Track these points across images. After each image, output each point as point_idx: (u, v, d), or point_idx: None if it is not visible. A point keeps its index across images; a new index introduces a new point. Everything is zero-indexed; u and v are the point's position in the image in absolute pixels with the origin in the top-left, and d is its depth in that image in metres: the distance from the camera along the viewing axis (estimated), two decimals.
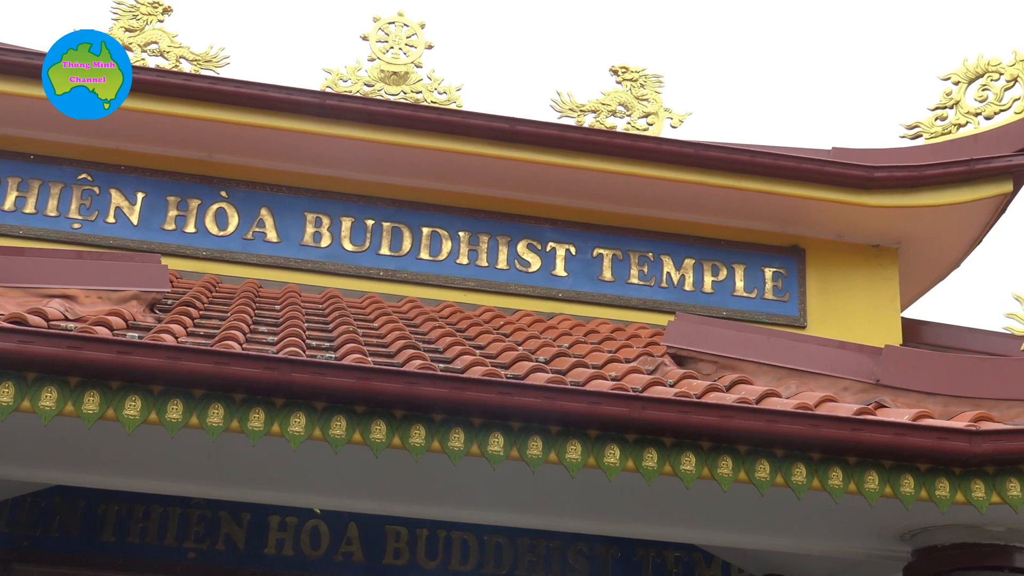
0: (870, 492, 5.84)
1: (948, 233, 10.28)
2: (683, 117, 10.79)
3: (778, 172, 9.65)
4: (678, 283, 9.76)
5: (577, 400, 5.69)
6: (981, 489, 5.87)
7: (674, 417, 5.71)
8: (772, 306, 9.83)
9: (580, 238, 9.74)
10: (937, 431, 5.87)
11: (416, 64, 10.43)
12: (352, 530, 8.47)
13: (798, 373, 7.21)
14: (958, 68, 10.52)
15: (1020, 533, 6.47)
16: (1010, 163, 9.83)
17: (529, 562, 8.65)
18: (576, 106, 10.66)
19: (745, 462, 5.80)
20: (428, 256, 9.50)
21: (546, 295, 9.52)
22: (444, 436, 5.61)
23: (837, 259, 10.12)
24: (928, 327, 10.83)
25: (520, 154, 9.44)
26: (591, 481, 5.98)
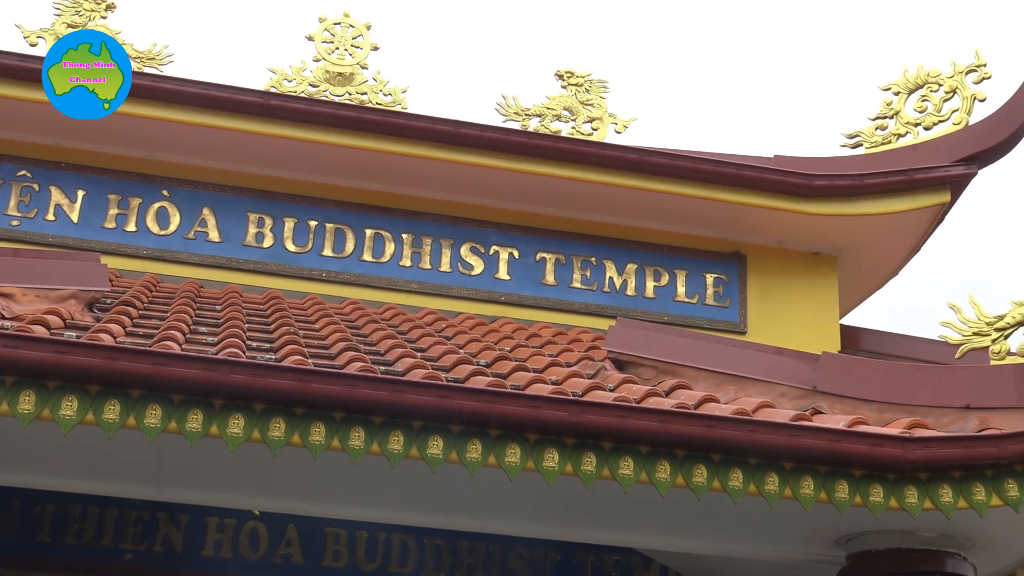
0: (805, 497, 5.90)
1: (887, 241, 10.41)
2: (628, 123, 10.84)
3: (720, 179, 9.73)
4: (620, 288, 9.81)
5: (517, 404, 5.71)
6: (914, 495, 5.95)
7: (613, 422, 5.75)
8: (713, 312, 9.91)
9: (523, 242, 9.76)
10: (872, 438, 5.95)
11: (362, 65, 10.42)
12: (291, 532, 8.43)
13: (737, 379, 7.28)
14: (898, 79, 10.66)
15: (952, 539, 6.57)
16: (948, 173, 9.97)
17: (468, 565, 8.65)
18: (521, 110, 10.69)
19: (683, 467, 5.85)
20: (371, 258, 9.48)
21: (489, 298, 9.53)
22: (384, 439, 5.62)
23: (778, 266, 10.21)
24: (866, 334, 10.95)
25: (464, 157, 9.46)
26: (530, 484, 6.00)
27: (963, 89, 10.33)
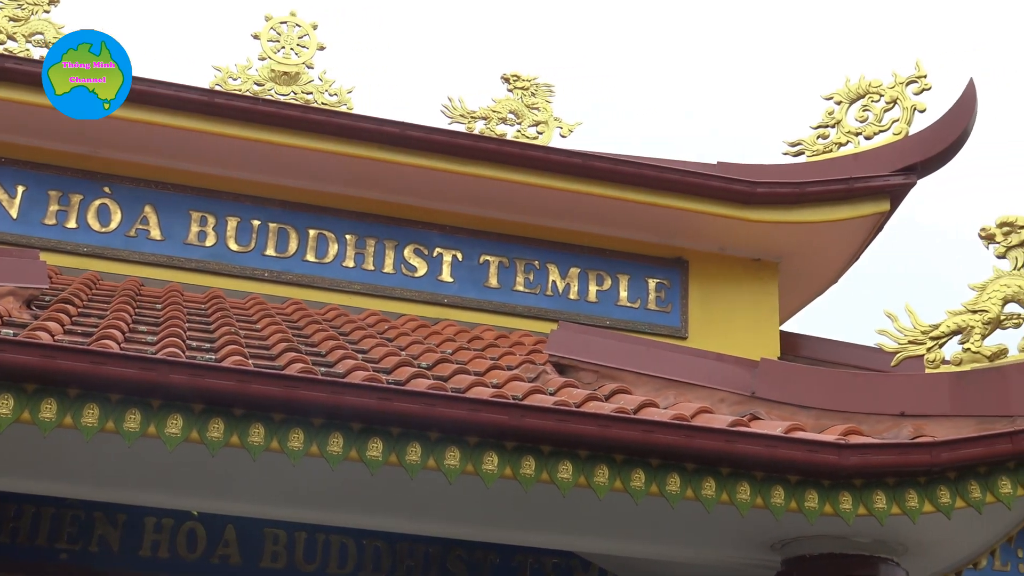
0: (742, 503, 5.95)
1: (827, 249, 10.53)
2: (573, 127, 10.89)
3: (663, 185, 9.79)
4: (563, 291, 9.85)
5: (457, 407, 5.72)
6: (849, 501, 6.01)
7: (552, 425, 5.77)
8: (655, 316, 9.97)
9: (467, 244, 9.78)
10: (808, 444, 6.01)
11: (308, 65, 10.39)
12: (229, 532, 8.39)
13: (677, 384, 7.33)
14: (840, 88, 10.78)
15: (886, 544, 6.65)
16: (887, 183, 10.10)
17: (408, 567, 8.65)
18: (467, 112, 10.71)
19: (621, 471, 5.88)
20: (314, 258, 9.46)
21: (432, 300, 9.54)
22: (322, 440, 5.61)
23: (719, 272, 10.29)
24: (806, 341, 11.07)
25: (409, 159, 9.45)
26: (470, 487, 6.01)
27: (904, 100, 10.47)
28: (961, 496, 6.09)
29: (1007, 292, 6.74)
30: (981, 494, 6.10)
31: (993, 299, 6.75)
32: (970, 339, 6.74)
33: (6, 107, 8.84)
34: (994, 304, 6.73)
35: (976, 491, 6.09)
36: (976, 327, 6.73)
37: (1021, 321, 6.72)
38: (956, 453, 6.06)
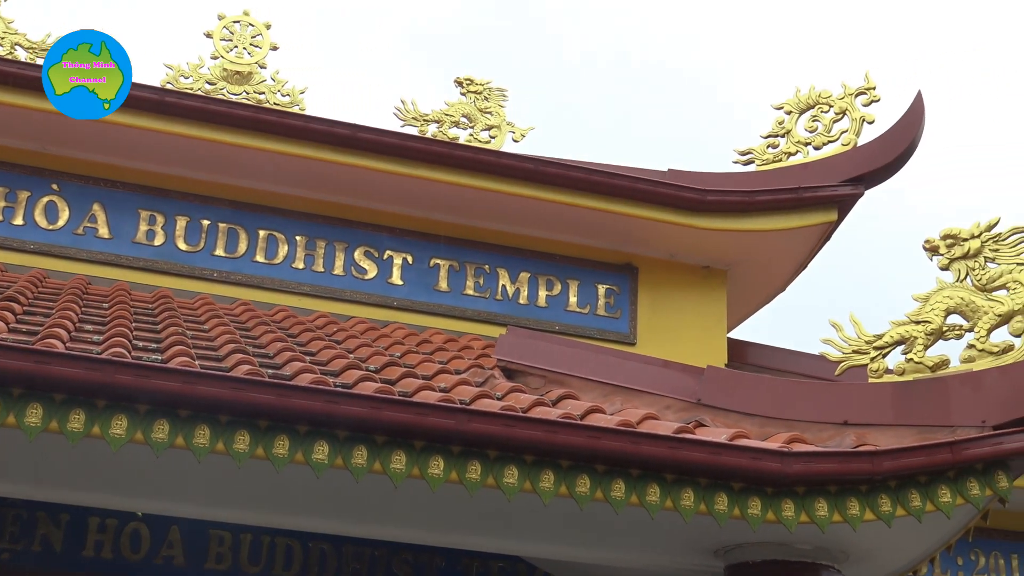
0: (686, 509, 5.99)
1: (775, 258, 10.62)
2: (525, 131, 10.93)
3: (614, 191, 9.84)
4: (513, 296, 9.87)
5: (403, 411, 5.72)
6: (791, 508, 6.06)
7: (499, 430, 5.78)
8: (604, 322, 10.01)
9: (418, 247, 9.78)
10: (751, 451, 6.06)
11: (260, 65, 10.37)
12: (174, 533, 8.34)
13: (624, 390, 7.37)
14: (791, 98, 10.88)
15: (827, 551, 6.70)
16: (836, 193, 10.20)
17: (354, 569, 8.63)
18: (419, 115, 10.72)
19: (567, 477, 5.90)
20: (264, 259, 9.43)
21: (381, 303, 9.53)
22: (269, 443, 5.59)
23: (669, 279, 10.36)
24: (753, 348, 11.15)
25: (361, 161, 9.45)
26: (416, 491, 6.01)
27: (853, 111, 10.57)
28: (901, 504, 6.16)
29: (950, 304, 6.83)
30: (921, 503, 6.17)
31: (936, 310, 6.84)
32: (913, 349, 6.82)
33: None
34: (937, 315, 6.82)
35: (916, 500, 6.16)
36: (919, 338, 6.82)
37: (963, 332, 6.81)
38: (897, 462, 6.12)
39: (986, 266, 6.84)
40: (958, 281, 6.90)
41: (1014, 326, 6.62)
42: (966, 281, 6.88)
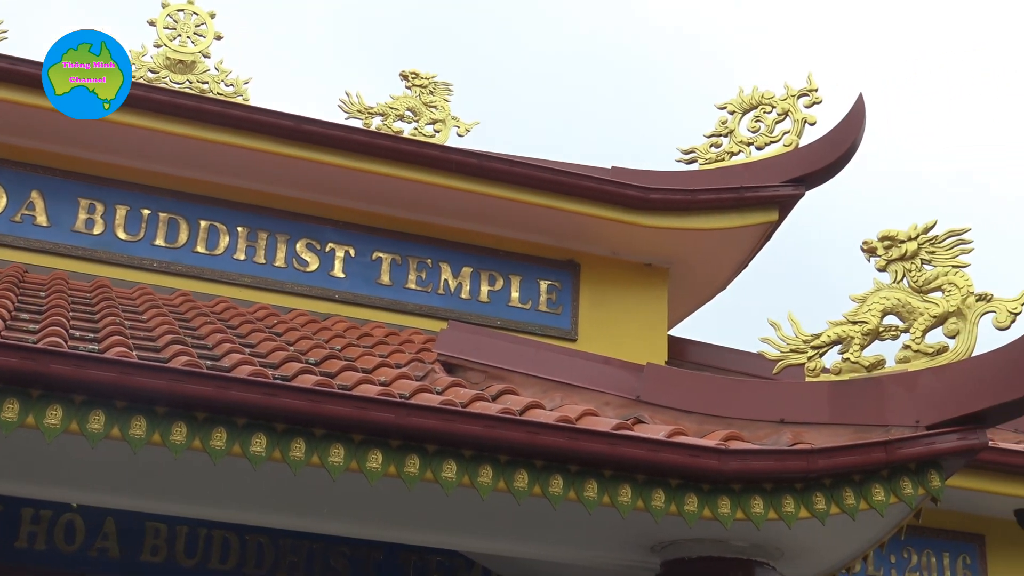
0: (623, 505, 6.01)
1: (717, 256, 10.69)
2: (470, 126, 10.92)
3: (558, 187, 9.86)
4: (455, 290, 9.87)
5: (343, 404, 5.70)
6: (727, 505, 6.10)
7: (438, 425, 5.78)
8: (545, 318, 10.03)
9: (360, 240, 9.75)
10: (689, 448, 6.09)
11: (204, 54, 10.30)
12: (109, 525, 8.27)
13: (564, 386, 7.39)
14: (734, 98, 10.95)
15: (762, 548, 6.76)
16: (777, 193, 10.28)
17: (291, 563, 8.61)
18: (364, 108, 10.68)
19: (505, 471, 5.91)
20: (204, 250, 9.36)
21: (323, 295, 9.50)
22: (206, 435, 5.55)
23: (611, 276, 10.39)
24: (693, 346, 11.23)
25: (304, 153, 9.40)
26: (354, 485, 6.00)
27: (795, 112, 10.67)
28: (836, 502, 6.21)
29: (886, 304, 6.91)
30: (855, 501, 6.23)
31: (873, 311, 6.92)
32: (849, 349, 6.90)
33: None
34: (873, 316, 6.90)
35: (850, 498, 6.22)
36: (855, 338, 6.90)
37: (899, 333, 6.90)
38: (832, 460, 6.18)
39: (922, 268, 6.93)
40: (895, 282, 6.98)
41: (949, 327, 6.71)
42: (903, 282, 6.96)
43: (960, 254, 6.86)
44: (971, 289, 6.70)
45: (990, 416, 6.37)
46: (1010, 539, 10.14)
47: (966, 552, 10.13)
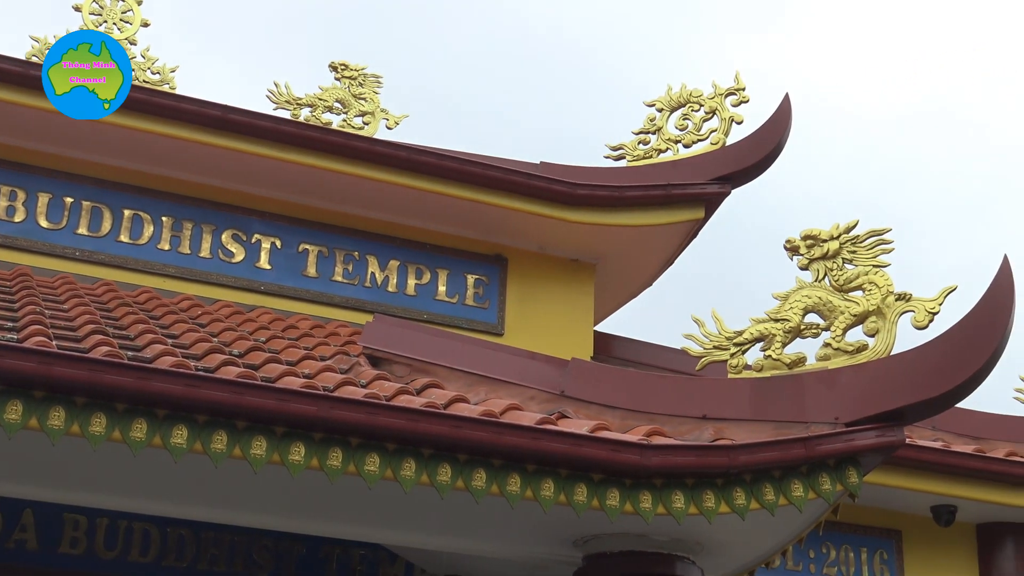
0: (545, 499, 6.04)
1: (643, 253, 10.76)
2: (399, 119, 10.90)
3: (486, 182, 9.86)
4: (382, 283, 9.85)
5: (265, 396, 5.67)
6: (648, 500, 6.15)
7: (361, 418, 5.77)
8: (472, 312, 10.04)
9: (287, 232, 9.69)
10: (611, 443, 6.13)
11: (130, 41, 10.18)
12: (27, 517, 8.14)
13: (489, 380, 7.40)
14: (662, 96, 11.03)
15: (683, 543, 6.82)
16: (703, 191, 10.37)
17: (212, 556, 8.54)
18: (293, 99, 10.62)
19: (428, 465, 5.91)
20: (128, 239, 9.26)
21: (248, 287, 9.43)
22: (126, 426, 5.50)
23: (538, 271, 10.42)
24: (618, 342, 11.29)
25: (231, 143, 9.32)
26: (276, 477, 5.98)
27: (722, 111, 10.76)
28: (756, 498, 6.28)
29: (808, 302, 7.00)
30: (774, 496, 6.30)
31: (795, 309, 7.00)
32: (771, 347, 6.98)
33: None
34: (795, 314, 6.98)
35: (770, 493, 6.29)
36: (777, 335, 6.98)
37: (820, 331, 6.99)
38: (753, 456, 6.25)
39: (844, 267, 7.02)
40: (817, 281, 7.07)
41: (868, 326, 6.81)
42: (824, 281, 7.05)
43: (881, 254, 6.96)
44: (891, 288, 6.81)
45: (908, 414, 6.47)
46: (926, 535, 10.31)
47: (883, 548, 10.29)
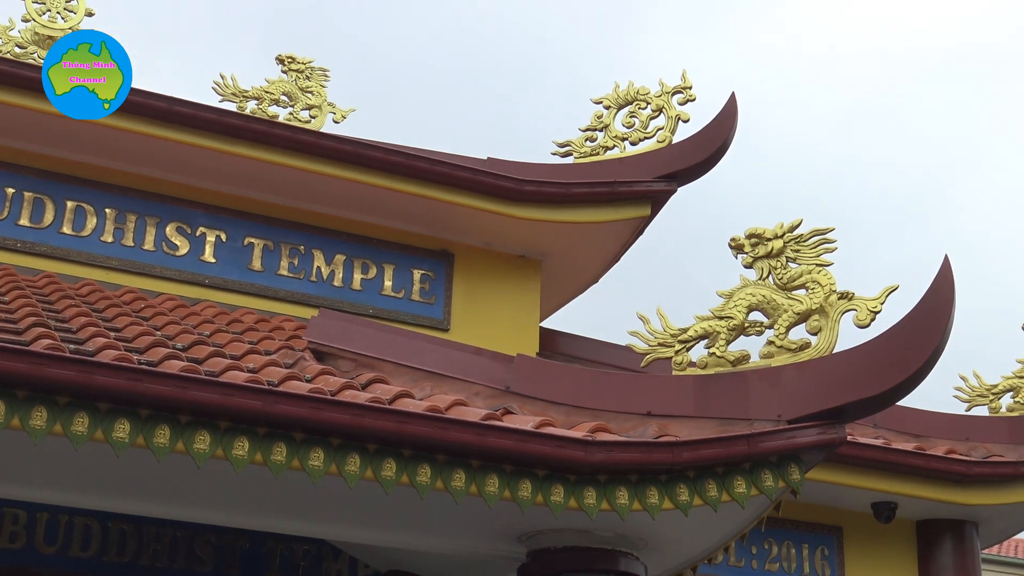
0: (490, 495, 6.05)
1: (589, 250, 10.78)
2: (346, 113, 10.86)
3: (433, 177, 9.85)
4: (328, 278, 9.81)
5: (209, 391, 5.64)
6: (592, 496, 6.17)
7: (305, 413, 5.76)
8: (418, 307, 10.02)
9: (232, 225, 9.63)
10: (556, 439, 6.15)
11: (74, 30, 10.05)
12: None
13: (434, 376, 7.40)
14: (610, 93, 11.06)
15: (626, 539, 6.85)
16: (650, 188, 10.40)
17: (154, 550, 8.49)
18: (239, 91, 10.55)
19: (373, 460, 5.90)
20: (71, 231, 9.16)
21: (193, 280, 9.35)
22: (68, 420, 5.44)
23: (484, 266, 10.42)
24: (564, 338, 11.31)
25: (176, 135, 9.24)
26: (220, 472, 5.94)
27: (669, 109, 10.80)
28: (699, 494, 6.32)
29: (752, 300, 7.04)
30: (718, 493, 6.34)
31: (739, 306, 7.04)
32: (716, 344, 7.01)
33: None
34: (739, 311, 7.02)
35: (713, 490, 6.33)
36: (722, 333, 7.01)
37: (763, 329, 7.03)
38: (696, 453, 6.29)
39: (788, 265, 7.06)
40: (761, 279, 7.11)
41: (811, 324, 6.86)
42: (768, 279, 7.09)
43: (824, 252, 7.01)
44: (833, 287, 6.86)
45: (849, 411, 6.53)
46: (867, 531, 10.42)
47: (824, 544, 10.38)
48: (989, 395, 10.64)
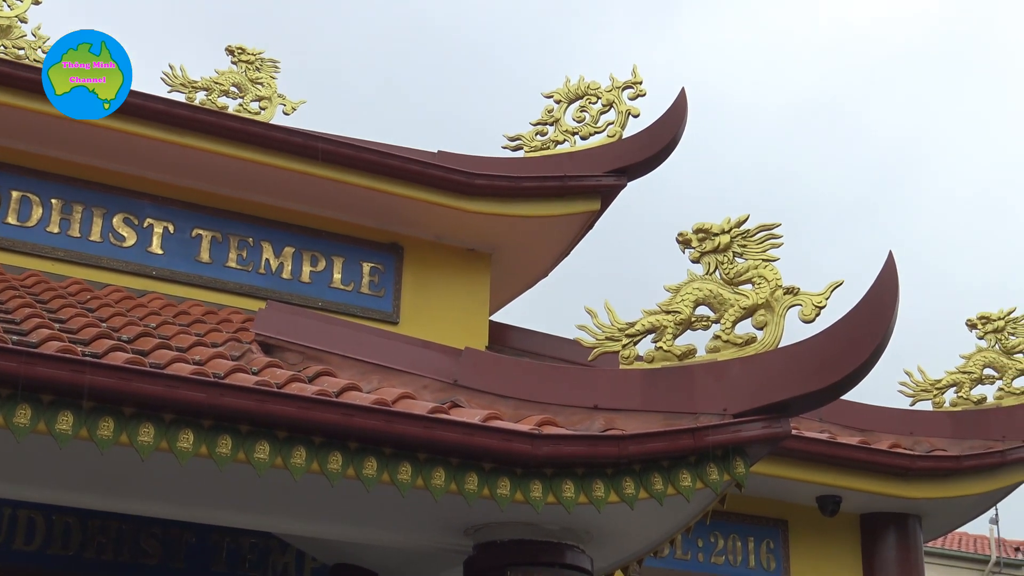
0: (436, 488, 6.05)
1: (539, 244, 10.81)
2: (296, 105, 10.81)
3: (383, 170, 9.83)
4: (276, 270, 9.77)
5: (153, 383, 5.61)
6: (539, 489, 6.19)
7: (251, 405, 5.74)
8: (367, 300, 10.00)
9: (180, 217, 9.56)
10: (502, 432, 6.16)
11: (21, 19, 9.96)
12: None
13: (382, 369, 7.39)
14: (560, 88, 11.08)
15: (572, 532, 6.88)
16: (599, 183, 10.44)
17: (99, 544, 8.43)
18: (188, 82, 10.47)
19: (319, 453, 5.89)
20: (16, 221, 9.06)
21: (139, 272, 9.29)
22: (10, 412, 5.39)
23: (434, 260, 10.42)
24: (514, 332, 11.33)
25: (123, 125, 9.14)
26: (165, 465, 5.91)
27: (619, 104, 10.84)
28: (645, 487, 6.35)
29: (699, 295, 7.08)
30: (663, 486, 6.38)
31: (686, 301, 7.08)
32: (663, 338, 7.05)
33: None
34: (686, 306, 7.06)
35: (659, 483, 6.37)
36: (669, 327, 7.05)
37: (710, 323, 7.07)
38: (642, 447, 6.33)
39: (734, 260, 7.11)
40: (708, 274, 7.15)
41: (757, 319, 6.91)
42: (715, 274, 7.14)
43: (770, 248, 7.06)
44: (779, 282, 6.91)
45: (794, 405, 6.59)
46: (812, 524, 10.51)
47: (770, 537, 10.47)
48: (933, 390, 10.77)
